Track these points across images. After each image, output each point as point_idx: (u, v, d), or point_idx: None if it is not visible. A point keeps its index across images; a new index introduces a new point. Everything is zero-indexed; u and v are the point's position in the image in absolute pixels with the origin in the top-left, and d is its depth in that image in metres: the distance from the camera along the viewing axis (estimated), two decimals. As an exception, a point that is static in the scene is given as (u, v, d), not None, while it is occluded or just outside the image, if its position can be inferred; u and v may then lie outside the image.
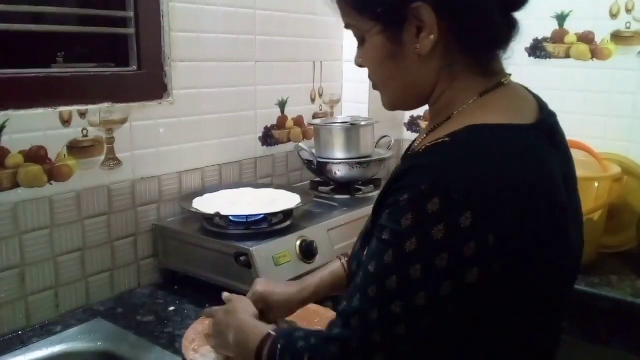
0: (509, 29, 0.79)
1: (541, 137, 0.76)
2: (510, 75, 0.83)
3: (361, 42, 0.84)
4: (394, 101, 0.87)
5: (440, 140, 0.73)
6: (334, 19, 0.92)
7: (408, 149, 0.94)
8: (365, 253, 0.78)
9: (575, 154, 1.89)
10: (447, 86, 0.80)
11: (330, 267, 1.16)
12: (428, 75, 0.80)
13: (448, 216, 0.66)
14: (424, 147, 0.76)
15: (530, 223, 0.70)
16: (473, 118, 0.75)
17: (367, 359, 0.72)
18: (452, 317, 0.71)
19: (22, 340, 1.28)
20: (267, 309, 1.12)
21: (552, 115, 0.83)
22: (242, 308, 1.04)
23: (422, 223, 0.68)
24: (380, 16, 0.78)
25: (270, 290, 1.13)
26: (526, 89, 0.86)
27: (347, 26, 0.85)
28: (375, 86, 0.87)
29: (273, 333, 0.88)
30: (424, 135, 0.86)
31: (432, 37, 0.75)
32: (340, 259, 1.16)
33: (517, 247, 0.69)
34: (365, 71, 0.88)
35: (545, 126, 0.79)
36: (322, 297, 1.16)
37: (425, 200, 0.67)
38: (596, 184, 1.65)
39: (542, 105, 0.83)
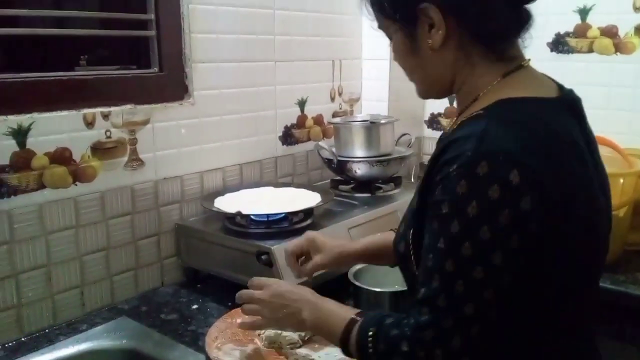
0: (519, 18, 0.85)
1: (564, 109, 0.84)
2: (529, 59, 0.88)
3: (390, 40, 0.93)
4: (422, 90, 0.95)
5: (474, 114, 0.81)
6: (353, 17, 0.96)
7: (441, 136, 0.98)
8: (426, 238, 0.79)
9: (600, 149, 1.85)
10: (469, 74, 0.87)
11: (383, 234, 1.21)
12: (446, 66, 0.87)
13: (498, 176, 0.71)
14: (461, 122, 0.83)
15: (565, 178, 0.76)
16: (501, 94, 0.81)
17: (465, 334, 0.74)
18: (524, 272, 0.74)
19: (49, 338, 1.30)
20: (314, 252, 1.20)
21: (572, 94, 0.89)
22: (300, 286, 1.04)
23: (477, 186, 0.72)
24: (396, 17, 0.87)
25: (321, 235, 1.23)
26: (543, 74, 0.91)
27: (379, 27, 0.94)
28: (409, 78, 0.95)
29: (358, 318, 0.87)
30: (454, 119, 0.92)
31: (440, 32, 0.83)
32: (393, 230, 1.16)
33: (558, 200, 0.74)
34: (384, 69, 0.97)
35: (567, 101, 0.86)
36: (368, 257, 1.23)
37: (474, 165, 0.72)
38: (621, 180, 1.62)
39: (560, 86, 0.89)
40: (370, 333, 0.82)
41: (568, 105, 0.86)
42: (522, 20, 0.85)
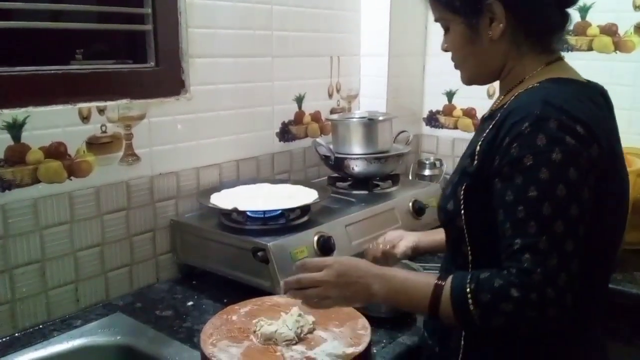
0: (563, 18, 0.99)
1: (597, 93, 0.98)
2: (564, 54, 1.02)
3: (446, 30, 1.04)
4: (471, 77, 1.06)
5: (530, 87, 0.94)
6: (352, 13, 0.99)
7: (489, 112, 1.07)
8: (507, 195, 0.86)
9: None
10: (517, 62, 0.99)
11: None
12: (498, 54, 1.00)
13: (569, 128, 0.83)
14: (515, 95, 0.95)
15: (610, 139, 0.91)
16: (548, 75, 0.96)
17: (568, 270, 0.81)
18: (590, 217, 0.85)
19: (43, 334, 1.30)
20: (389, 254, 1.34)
21: (598, 84, 1.02)
22: (357, 259, 1.04)
23: (555, 137, 0.83)
24: (461, 10, 0.98)
25: (399, 234, 1.38)
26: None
27: (436, 19, 1.04)
28: (456, 66, 1.06)
29: (442, 282, 0.91)
30: (501, 97, 1.02)
31: (501, 25, 0.96)
32: None
33: (609, 156, 0.88)
34: (382, 66, 1.03)
35: (598, 88, 1.01)
36: (433, 249, 1.37)
37: (545, 121, 0.84)
38: (619, 179, 1.61)
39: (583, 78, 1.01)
40: (469, 289, 0.86)
41: (600, 91, 1.00)
42: (565, 20, 0.99)
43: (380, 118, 1.89)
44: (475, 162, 0.93)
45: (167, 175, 1.58)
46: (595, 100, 0.94)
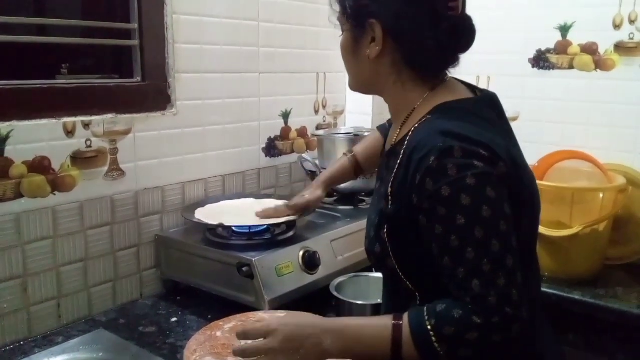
0: (446, 61, 0.99)
1: (485, 105, 1.00)
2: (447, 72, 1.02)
3: (342, 32, 1.06)
4: (352, 85, 1.09)
5: (423, 119, 0.94)
6: (337, 31, 1.04)
7: (384, 146, 1.12)
8: (436, 226, 0.86)
9: (580, 164, 1.89)
10: (400, 89, 1.00)
11: (338, 161, 1.54)
12: (377, 75, 1.01)
13: (473, 154, 0.85)
14: (413, 129, 0.94)
15: (510, 151, 0.92)
16: (435, 102, 0.96)
17: (515, 284, 0.83)
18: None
19: (23, 351, 1.28)
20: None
21: (488, 92, 1.04)
22: (303, 315, 0.99)
23: (463, 164, 0.84)
24: (350, 19, 1.01)
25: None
26: (456, 80, 1.05)
27: (337, 19, 1.06)
28: (346, 69, 1.09)
29: (399, 322, 0.88)
30: (398, 130, 1.02)
31: (377, 48, 0.97)
32: (347, 154, 1.53)
33: (513, 167, 0.89)
34: None
35: (486, 98, 1.02)
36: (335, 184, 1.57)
37: (449, 151, 0.84)
38: (601, 195, 1.64)
39: (473, 87, 1.04)
40: (429, 325, 0.84)
41: (487, 101, 1.01)
42: (449, 62, 0.99)
43: (366, 134, 1.90)
44: (391, 204, 0.93)
45: (152, 190, 1.57)
46: (485, 116, 0.95)
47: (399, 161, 0.93)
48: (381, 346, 0.88)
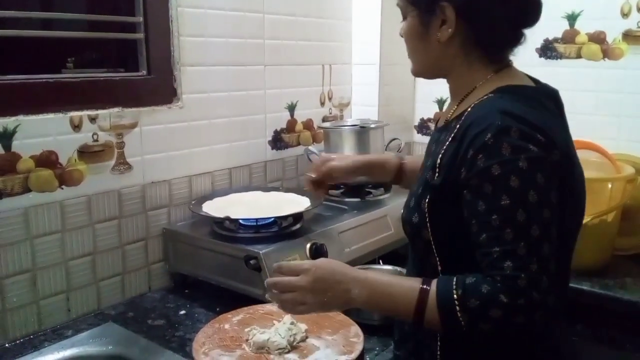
0: (516, 38, 0.99)
1: (545, 95, 0.99)
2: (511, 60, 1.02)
3: (404, 18, 1.04)
4: (417, 70, 1.08)
5: (485, 97, 0.94)
6: (343, 22, 1.00)
7: (437, 123, 1.11)
8: (478, 205, 0.86)
9: (588, 154, 1.87)
10: (466, 69, 1.00)
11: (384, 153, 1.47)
12: (445, 57, 1.00)
13: (530, 137, 0.85)
14: (472, 105, 0.94)
15: (566, 141, 0.93)
16: (498, 84, 0.96)
17: (547, 273, 0.83)
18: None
19: (33, 344, 1.29)
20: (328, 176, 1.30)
21: (549, 86, 1.03)
22: (337, 262, 1.02)
23: (518, 146, 0.84)
24: (417, 4, 0.99)
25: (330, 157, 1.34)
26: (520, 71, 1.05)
27: (397, 4, 1.05)
28: (408, 55, 1.07)
29: (427, 287, 0.90)
30: (455, 107, 1.01)
31: (450, 30, 0.96)
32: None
33: (566, 157, 0.90)
34: (374, 74, 1.06)
35: (546, 90, 1.01)
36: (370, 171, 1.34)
37: (506, 131, 0.85)
38: (609, 185, 1.63)
39: (535, 80, 1.02)
40: (456, 295, 0.86)
41: (548, 93, 1.01)
42: (518, 39, 0.99)
43: (372, 126, 1.90)
44: (437, 175, 0.93)
45: (159, 183, 1.57)
46: (546, 105, 0.95)
47: (453, 135, 0.93)
48: (405, 307, 0.91)
